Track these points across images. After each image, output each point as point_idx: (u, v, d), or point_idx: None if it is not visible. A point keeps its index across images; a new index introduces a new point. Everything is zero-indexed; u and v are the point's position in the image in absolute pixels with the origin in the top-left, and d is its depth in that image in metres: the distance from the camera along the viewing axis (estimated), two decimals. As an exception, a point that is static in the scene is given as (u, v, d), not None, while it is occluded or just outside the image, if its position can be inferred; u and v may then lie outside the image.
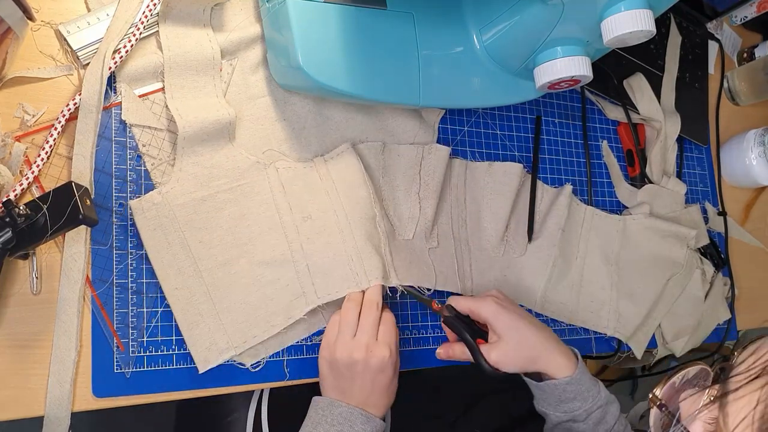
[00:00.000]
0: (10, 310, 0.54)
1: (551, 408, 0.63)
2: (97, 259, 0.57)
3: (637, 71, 0.88)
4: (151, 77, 0.61)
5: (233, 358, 0.60)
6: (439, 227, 0.71)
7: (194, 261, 0.59)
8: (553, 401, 0.62)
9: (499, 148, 0.78)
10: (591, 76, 0.64)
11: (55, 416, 0.53)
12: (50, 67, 0.58)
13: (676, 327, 0.84)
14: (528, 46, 0.65)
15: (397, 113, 0.71)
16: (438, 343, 0.68)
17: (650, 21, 0.57)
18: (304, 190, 0.64)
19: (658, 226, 0.83)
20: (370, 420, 0.57)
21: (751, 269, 0.95)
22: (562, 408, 0.62)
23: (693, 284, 0.85)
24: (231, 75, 0.64)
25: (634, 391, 1.53)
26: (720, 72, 1.01)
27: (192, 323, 0.58)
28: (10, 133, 0.55)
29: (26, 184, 0.54)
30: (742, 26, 1.06)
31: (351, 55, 0.61)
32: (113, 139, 0.59)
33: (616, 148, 0.87)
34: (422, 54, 0.65)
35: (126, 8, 0.59)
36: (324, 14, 0.60)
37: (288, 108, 0.66)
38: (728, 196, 0.96)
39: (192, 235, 0.59)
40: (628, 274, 0.81)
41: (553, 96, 0.84)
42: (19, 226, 0.49)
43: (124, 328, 0.57)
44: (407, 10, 0.65)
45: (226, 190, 0.61)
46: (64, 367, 0.54)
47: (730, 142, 0.97)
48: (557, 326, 0.77)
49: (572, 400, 0.62)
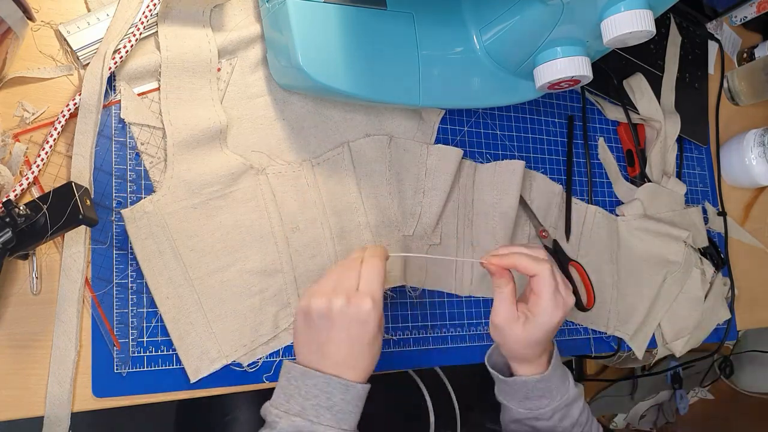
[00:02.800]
0: (10, 310, 0.54)
1: (514, 403, 0.60)
2: (96, 258, 0.57)
3: (637, 71, 0.88)
4: (150, 76, 0.61)
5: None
6: (443, 226, 0.72)
7: (185, 269, 0.59)
8: (518, 397, 0.59)
9: (499, 148, 0.78)
10: (591, 77, 0.64)
11: (55, 416, 0.53)
12: (50, 67, 0.58)
13: (676, 327, 0.84)
14: (528, 47, 0.65)
15: (397, 113, 0.71)
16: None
17: (650, 21, 0.57)
18: (293, 199, 0.64)
19: (650, 227, 0.83)
20: (349, 388, 0.50)
21: (750, 269, 0.96)
22: (526, 405, 0.59)
23: (693, 284, 0.85)
24: (230, 74, 0.64)
25: (634, 391, 1.54)
26: (720, 72, 1.01)
27: (183, 332, 0.58)
28: (10, 131, 0.56)
29: (26, 184, 0.54)
30: (742, 26, 1.06)
31: (351, 55, 0.61)
32: (113, 137, 0.59)
33: (616, 148, 0.87)
34: (422, 54, 0.65)
35: (126, 8, 0.59)
36: (324, 14, 0.60)
37: (287, 107, 0.66)
38: (728, 196, 0.96)
39: (183, 243, 0.59)
40: (626, 273, 0.81)
41: (553, 96, 0.84)
42: (19, 226, 0.49)
43: (124, 328, 0.57)
44: (407, 10, 0.65)
45: (218, 197, 0.61)
46: (63, 367, 0.54)
47: (730, 142, 0.97)
48: (557, 326, 0.77)
49: (539, 398, 0.58)
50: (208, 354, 0.59)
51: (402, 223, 0.69)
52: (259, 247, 0.62)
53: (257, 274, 0.61)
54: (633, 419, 1.54)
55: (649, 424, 1.56)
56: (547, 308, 0.56)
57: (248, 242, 0.62)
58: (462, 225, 0.73)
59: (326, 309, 0.50)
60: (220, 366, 0.59)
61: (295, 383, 0.50)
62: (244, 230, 0.62)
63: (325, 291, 0.51)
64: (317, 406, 0.49)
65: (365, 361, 0.51)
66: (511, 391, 0.60)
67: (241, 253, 0.61)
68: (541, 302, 0.56)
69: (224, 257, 0.61)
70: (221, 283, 0.60)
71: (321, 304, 0.50)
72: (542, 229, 0.76)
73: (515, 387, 0.59)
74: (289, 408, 0.50)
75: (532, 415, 0.59)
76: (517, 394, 0.59)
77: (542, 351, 0.59)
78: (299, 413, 0.49)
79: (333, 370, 0.50)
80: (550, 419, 0.59)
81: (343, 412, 0.49)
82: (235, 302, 0.60)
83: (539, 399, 0.58)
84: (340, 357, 0.50)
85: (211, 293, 0.60)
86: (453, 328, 0.71)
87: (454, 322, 0.71)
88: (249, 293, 0.61)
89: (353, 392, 0.50)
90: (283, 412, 0.49)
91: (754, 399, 1.47)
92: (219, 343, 0.59)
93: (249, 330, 0.61)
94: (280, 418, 0.49)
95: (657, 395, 1.54)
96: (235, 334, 0.60)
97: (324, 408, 0.49)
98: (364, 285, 0.51)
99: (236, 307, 0.60)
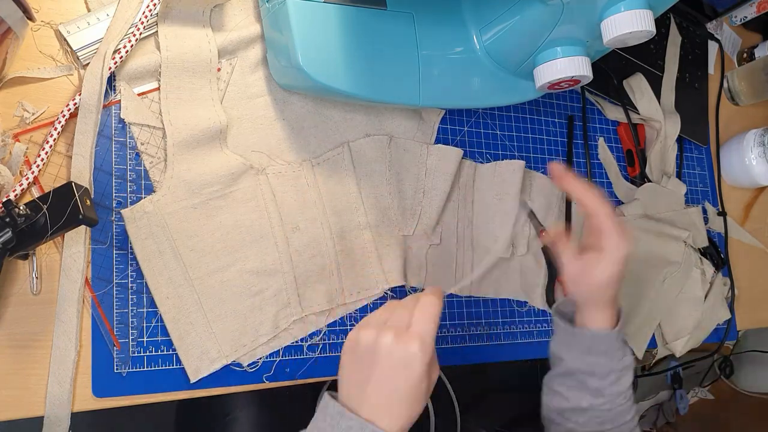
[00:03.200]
0: (10, 310, 0.54)
1: (572, 355, 0.59)
2: (96, 258, 0.57)
3: (637, 71, 0.88)
4: (150, 76, 0.61)
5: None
6: (443, 225, 0.72)
7: (185, 269, 0.59)
8: (580, 349, 0.59)
9: (499, 148, 0.78)
10: (591, 77, 0.64)
11: (55, 416, 0.53)
12: (50, 67, 0.58)
13: (676, 327, 0.84)
14: (528, 47, 0.65)
15: (397, 113, 0.71)
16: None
17: (650, 21, 0.57)
18: (294, 199, 0.64)
19: (650, 227, 0.83)
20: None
21: (750, 269, 0.96)
22: (585, 360, 0.59)
23: (693, 284, 0.85)
24: (230, 74, 0.64)
25: (634, 391, 1.54)
26: (720, 72, 1.01)
27: (183, 332, 0.58)
28: (10, 131, 0.56)
29: (26, 184, 0.54)
30: (742, 26, 1.06)
31: (351, 55, 0.61)
32: (113, 137, 0.59)
33: (616, 148, 0.88)
34: (422, 54, 0.65)
35: (126, 8, 0.59)
36: (324, 14, 0.60)
37: (287, 107, 0.66)
38: (728, 196, 0.96)
39: (183, 242, 0.59)
40: (626, 273, 0.81)
41: (553, 96, 0.84)
42: (19, 226, 0.49)
43: (124, 328, 0.57)
44: (407, 10, 0.65)
45: (218, 197, 0.61)
46: (63, 367, 0.54)
47: (730, 142, 0.97)
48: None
49: (601, 355, 0.58)
50: (208, 354, 0.59)
51: (402, 223, 0.69)
52: (259, 247, 0.62)
53: (257, 274, 0.61)
54: (633, 419, 1.54)
55: (649, 424, 1.56)
56: (617, 241, 0.57)
57: (248, 242, 0.62)
58: (462, 225, 0.73)
59: (372, 343, 0.47)
60: (220, 366, 0.59)
61: (330, 421, 0.48)
62: (244, 230, 0.62)
63: (376, 324, 0.48)
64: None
65: (404, 410, 0.47)
66: (575, 342, 0.59)
67: (241, 253, 0.61)
68: (612, 236, 0.57)
69: (224, 257, 0.61)
70: (221, 283, 0.60)
71: (369, 337, 0.47)
72: (542, 229, 0.76)
73: (581, 338, 0.59)
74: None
75: (589, 369, 0.59)
76: (579, 346, 0.59)
77: (613, 300, 0.59)
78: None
79: (369, 415, 0.46)
80: (604, 378, 0.59)
81: None
82: (235, 302, 0.60)
83: (601, 355, 0.58)
84: (379, 400, 0.46)
85: (211, 293, 0.60)
86: (453, 328, 0.71)
87: (454, 322, 0.71)
88: (249, 293, 0.61)
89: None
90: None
91: (754, 399, 1.47)
92: (219, 343, 0.59)
93: (249, 330, 0.61)
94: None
95: (657, 395, 1.54)
96: (235, 334, 0.60)
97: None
98: (416, 325, 0.47)
99: (236, 307, 0.60)
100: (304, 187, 0.65)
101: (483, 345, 0.72)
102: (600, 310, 0.59)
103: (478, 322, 0.73)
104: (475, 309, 0.73)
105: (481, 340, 0.72)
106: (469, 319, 0.72)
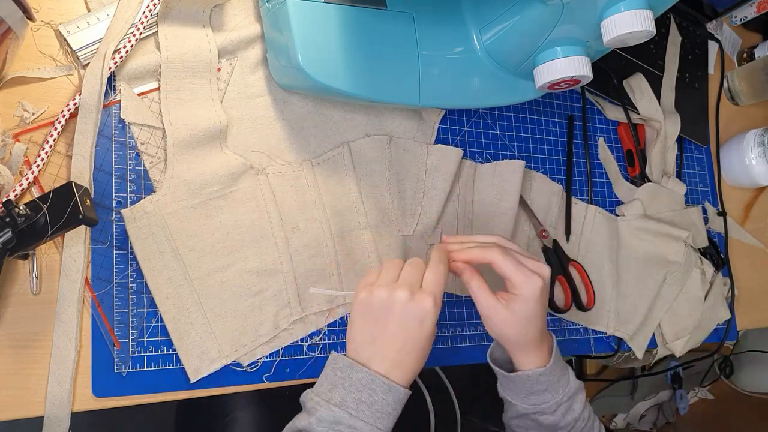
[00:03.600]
0: (10, 310, 0.54)
1: (518, 399, 0.60)
2: (96, 258, 0.57)
3: (637, 71, 0.88)
4: (150, 76, 0.61)
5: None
6: (443, 225, 0.72)
7: (185, 269, 0.59)
8: (522, 392, 0.59)
9: (499, 148, 0.78)
10: (591, 77, 0.65)
11: (55, 416, 0.53)
12: (50, 67, 0.58)
13: (676, 327, 0.84)
14: (528, 47, 0.65)
15: (397, 113, 0.71)
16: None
17: (650, 21, 0.57)
18: (294, 199, 0.64)
19: (650, 227, 0.83)
20: (392, 389, 0.50)
21: (751, 269, 0.96)
22: (530, 400, 0.59)
23: (693, 284, 0.85)
24: (230, 74, 0.64)
25: (634, 391, 1.54)
26: (720, 72, 1.01)
27: (183, 332, 0.58)
28: (10, 131, 0.56)
29: (26, 184, 0.54)
30: (741, 26, 1.06)
31: (351, 55, 0.61)
32: (113, 137, 0.59)
33: (616, 148, 0.88)
34: (422, 54, 0.66)
35: (126, 8, 0.59)
36: (324, 14, 0.60)
37: (287, 107, 0.66)
38: (728, 196, 0.96)
39: (183, 242, 0.59)
40: (626, 273, 0.81)
41: (553, 96, 0.84)
42: (19, 226, 0.49)
43: (124, 328, 0.57)
44: (407, 10, 0.65)
45: (218, 197, 0.61)
46: (63, 367, 0.54)
47: (730, 142, 0.97)
48: (558, 326, 0.77)
49: (543, 393, 0.58)
50: (208, 354, 0.59)
51: (402, 223, 0.69)
52: (259, 247, 0.62)
53: (257, 274, 0.61)
54: (633, 419, 1.54)
55: (649, 424, 1.57)
56: (518, 283, 0.55)
57: (248, 242, 0.62)
58: (462, 225, 0.73)
59: (388, 299, 0.50)
60: (220, 366, 0.59)
61: (340, 374, 0.51)
62: (244, 230, 0.62)
63: (388, 282, 0.52)
64: (359, 401, 0.49)
65: (413, 362, 0.51)
66: (514, 386, 0.60)
67: (241, 253, 0.61)
68: (512, 280, 0.55)
69: (224, 257, 0.61)
70: (221, 283, 0.60)
71: (383, 294, 0.51)
72: (542, 229, 0.76)
73: (518, 382, 0.59)
74: (330, 397, 0.50)
75: (537, 410, 0.59)
76: (520, 390, 0.59)
77: (540, 337, 0.58)
78: (340, 404, 0.49)
79: (380, 367, 0.51)
80: (554, 413, 0.59)
81: (382, 411, 0.50)
82: (235, 302, 0.60)
83: (543, 393, 0.58)
84: (391, 352, 0.50)
85: (211, 293, 0.60)
86: (453, 328, 0.71)
87: (454, 322, 0.71)
88: (249, 293, 0.61)
89: (395, 394, 0.50)
90: (324, 401, 0.50)
91: (754, 399, 1.47)
92: (219, 343, 0.59)
93: (249, 330, 0.61)
94: (321, 406, 0.50)
95: (657, 395, 1.54)
96: (235, 334, 0.60)
97: (365, 404, 0.49)
98: (428, 285, 0.52)
99: (236, 307, 0.60)
100: (304, 187, 0.65)
101: (483, 345, 0.72)
102: (528, 352, 0.58)
103: (477, 322, 0.73)
104: (475, 309, 0.73)
105: (480, 340, 0.72)
106: (469, 319, 0.72)
